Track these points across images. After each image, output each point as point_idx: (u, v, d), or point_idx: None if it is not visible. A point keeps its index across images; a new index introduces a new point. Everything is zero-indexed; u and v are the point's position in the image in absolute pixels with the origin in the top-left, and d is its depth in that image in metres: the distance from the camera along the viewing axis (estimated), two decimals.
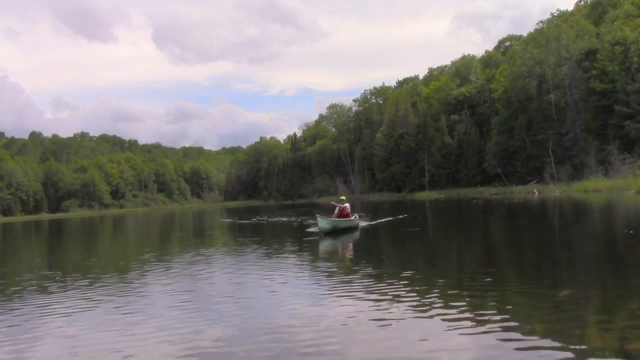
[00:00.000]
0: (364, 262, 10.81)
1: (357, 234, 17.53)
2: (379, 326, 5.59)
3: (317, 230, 17.26)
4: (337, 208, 18.81)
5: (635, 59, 46.30)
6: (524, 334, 4.99)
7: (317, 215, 17.76)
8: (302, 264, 11.08)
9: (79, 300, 8.07)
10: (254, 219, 33.01)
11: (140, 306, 7.44)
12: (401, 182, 74.58)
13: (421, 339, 5.08)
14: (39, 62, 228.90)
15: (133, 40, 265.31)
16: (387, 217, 24.79)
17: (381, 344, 4.98)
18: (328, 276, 9.27)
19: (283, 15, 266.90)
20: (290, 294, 7.62)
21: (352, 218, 18.69)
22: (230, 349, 5.11)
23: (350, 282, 8.30)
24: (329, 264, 11.04)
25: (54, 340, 5.90)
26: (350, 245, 14.79)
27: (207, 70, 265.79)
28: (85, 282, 10.03)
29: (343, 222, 18.08)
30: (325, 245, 14.64)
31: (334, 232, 17.04)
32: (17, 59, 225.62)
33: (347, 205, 18.87)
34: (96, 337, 5.85)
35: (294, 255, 12.40)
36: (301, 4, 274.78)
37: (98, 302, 7.91)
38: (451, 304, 6.35)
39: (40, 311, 7.44)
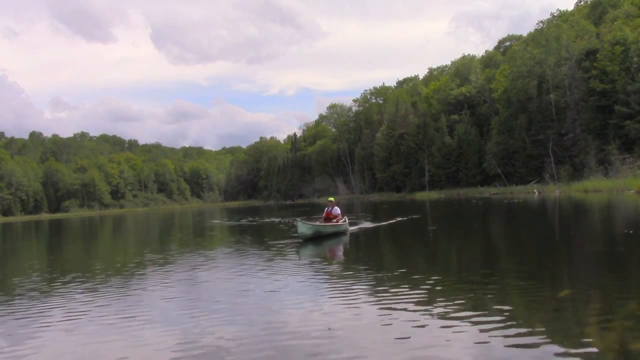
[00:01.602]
0: (363, 263, 10.81)
1: (345, 239, 15.80)
2: (379, 327, 5.58)
3: (299, 235, 15.32)
4: (325, 210, 17.17)
5: (635, 59, 46.31)
6: (524, 334, 4.98)
7: (297, 219, 15.80)
8: (302, 266, 11.08)
9: (78, 301, 8.06)
10: (243, 221, 32.40)
11: (140, 307, 7.43)
12: (401, 182, 74.62)
13: (421, 339, 5.07)
14: (38, 61, 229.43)
15: (132, 40, 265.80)
16: (389, 218, 24.65)
17: (381, 344, 4.97)
18: (327, 277, 9.26)
19: (282, 15, 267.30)
20: (290, 296, 7.61)
21: (340, 222, 16.76)
22: (230, 350, 5.10)
23: (349, 283, 8.29)
24: (328, 265, 11.04)
25: (54, 341, 5.89)
26: (342, 248, 13.98)
27: (206, 70, 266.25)
28: (84, 283, 10.02)
29: (328, 228, 16.14)
30: (307, 250, 13.27)
31: (317, 239, 15.31)
32: (16, 58, 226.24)
33: (336, 208, 16.97)
34: (96, 339, 5.84)
35: (291, 257, 12.38)
36: (300, 3, 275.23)
37: (97, 303, 7.90)
38: (451, 303, 6.35)
39: (40, 312, 7.43)
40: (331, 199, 17.81)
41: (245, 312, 6.60)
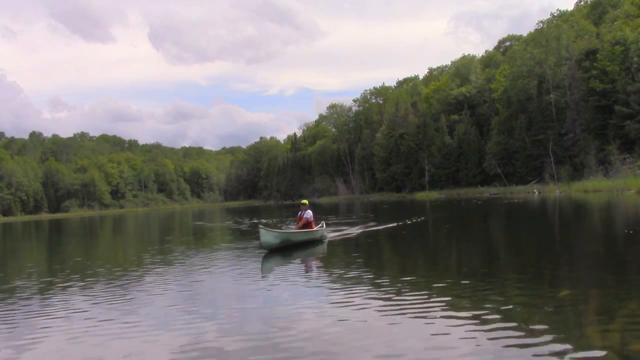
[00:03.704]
0: (363, 265, 10.80)
1: (322, 247, 13.70)
2: (378, 328, 5.58)
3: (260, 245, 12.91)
4: (298, 215, 15.04)
5: (635, 59, 46.31)
6: (524, 334, 4.98)
7: (261, 226, 13.19)
8: (299, 267, 11.08)
9: (78, 303, 8.06)
10: (229, 222, 32.02)
11: (139, 308, 7.43)
12: (401, 182, 74.64)
13: (420, 339, 5.07)
14: (37, 61, 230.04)
15: (130, 40, 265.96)
16: (398, 218, 24.38)
17: (380, 345, 4.96)
18: (327, 280, 9.25)
19: (280, 14, 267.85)
20: (289, 296, 7.61)
21: (315, 229, 14.64)
22: (228, 351, 5.10)
23: (349, 284, 8.28)
24: (328, 265, 11.03)
25: (52, 342, 5.88)
26: (318, 259, 12.14)
27: (205, 70, 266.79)
28: (83, 284, 10.02)
29: (298, 235, 13.82)
30: (274, 263, 11.37)
31: (286, 248, 13.04)
32: (14, 58, 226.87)
33: (309, 212, 14.69)
34: (95, 340, 5.84)
35: (282, 261, 12.37)
36: (298, 3, 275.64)
37: (96, 304, 7.90)
38: (450, 304, 6.34)
39: (39, 312, 7.43)
40: (304, 201, 15.25)
41: (245, 314, 6.60)
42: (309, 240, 14.16)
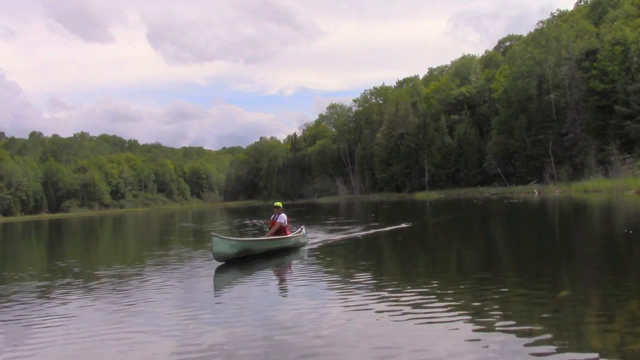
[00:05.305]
0: (363, 263, 10.80)
1: (295, 256, 11.97)
2: (378, 328, 5.57)
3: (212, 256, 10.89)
4: (270, 219, 13.08)
5: (635, 59, 46.33)
6: (524, 334, 4.97)
7: (213, 234, 10.92)
8: (297, 268, 11.06)
9: (78, 303, 8.06)
10: (219, 223, 32.00)
11: (139, 310, 7.42)
12: (401, 182, 74.64)
13: (420, 339, 5.06)
14: (36, 61, 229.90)
15: (128, 39, 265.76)
16: (392, 219, 24.48)
17: (380, 345, 4.96)
18: (327, 277, 9.24)
19: (279, 14, 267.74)
20: (289, 296, 7.61)
21: (289, 235, 12.73)
22: (228, 351, 5.10)
23: (349, 284, 8.27)
24: (328, 265, 11.01)
25: (52, 343, 5.88)
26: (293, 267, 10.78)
27: (204, 70, 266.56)
28: (83, 284, 10.01)
29: (263, 243, 11.90)
30: (229, 279, 9.67)
31: (246, 259, 11.22)
32: (14, 58, 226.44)
33: (282, 216, 12.70)
34: (94, 341, 5.83)
35: (292, 256, 12.35)
36: (297, 2, 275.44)
37: (96, 305, 7.90)
38: (450, 304, 6.33)
39: (39, 313, 7.42)
40: (278, 203, 13.22)
41: (244, 317, 6.59)
42: (279, 248, 12.21)
